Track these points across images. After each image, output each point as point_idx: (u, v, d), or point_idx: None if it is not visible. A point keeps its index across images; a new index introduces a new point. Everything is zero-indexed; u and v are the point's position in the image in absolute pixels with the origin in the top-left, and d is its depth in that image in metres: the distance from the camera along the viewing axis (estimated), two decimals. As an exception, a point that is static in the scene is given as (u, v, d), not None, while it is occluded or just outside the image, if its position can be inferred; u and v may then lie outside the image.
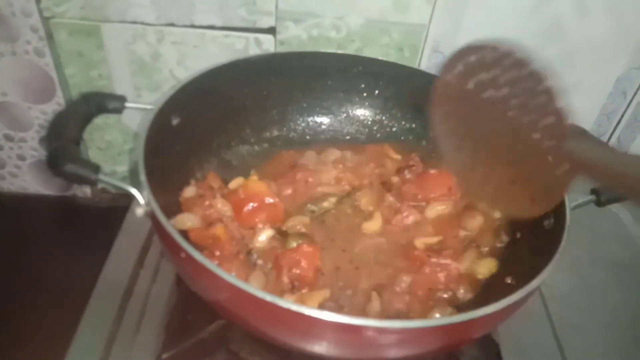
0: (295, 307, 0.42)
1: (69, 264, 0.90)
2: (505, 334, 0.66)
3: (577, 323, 0.71)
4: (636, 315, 0.75)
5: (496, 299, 0.47)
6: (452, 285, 0.60)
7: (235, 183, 0.67)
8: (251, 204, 0.63)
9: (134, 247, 0.71)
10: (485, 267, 0.63)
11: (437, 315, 0.56)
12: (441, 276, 0.60)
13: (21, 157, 0.98)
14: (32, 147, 0.96)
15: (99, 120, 0.92)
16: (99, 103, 0.60)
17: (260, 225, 0.63)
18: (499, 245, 0.67)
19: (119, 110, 0.61)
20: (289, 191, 0.70)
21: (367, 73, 0.78)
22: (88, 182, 0.51)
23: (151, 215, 0.50)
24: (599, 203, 0.60)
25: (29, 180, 1.01)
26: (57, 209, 1.04)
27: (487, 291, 0.61)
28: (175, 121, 0.64)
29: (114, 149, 0.97)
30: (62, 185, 1.02)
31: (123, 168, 0.99)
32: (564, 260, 0.52)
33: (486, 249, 0.65)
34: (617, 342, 0.71)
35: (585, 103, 0.93)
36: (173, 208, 0.62)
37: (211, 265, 0.44)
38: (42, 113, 0.91)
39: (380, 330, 0.43)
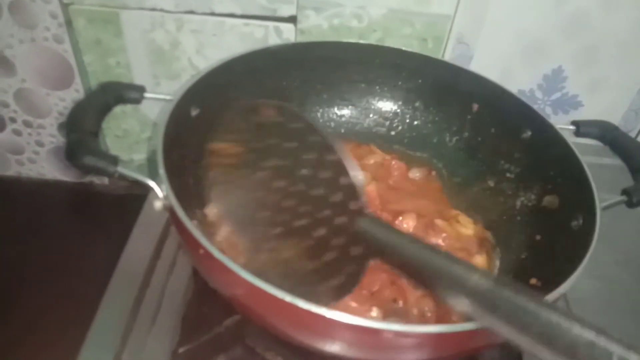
0: (314, 309, 0.41)
1: (85, 250, 0.91)
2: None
3: (601, 325, 0.69)
4: (662, 319, 0.73)
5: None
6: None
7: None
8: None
9: (151, 238, 0.71)
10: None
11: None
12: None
13: (39, 144, 0.98)
14: (51, 134, 0.96)
15: (117, 109, 0.90)
16: (118, 93, 0.59)
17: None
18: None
19: (137, 101, 0.60)
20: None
21: (389, 64, 0.76)
22: (106, 174, 0.50)
23: (169, 209, 0.49)
24: (630, 204, 0.58)
25: (47, 167, 1.02)
26: (74, 195, 1.04)
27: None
28: (194, 112, 0.63)
29: (131, 137, 0.96)
30: (79, 172, 1.03)
31: (140, 156, 0.99)
32: (589, 262, 0.50)
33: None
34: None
35: (612, 98, 0.90)
36: (192, 201, 0.61)
37: (230, 262, 0.43)
38: (61, 100, 0.91)
39: (400, 334, 0.42)
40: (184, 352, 0.55)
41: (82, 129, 0.51)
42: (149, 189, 0.50)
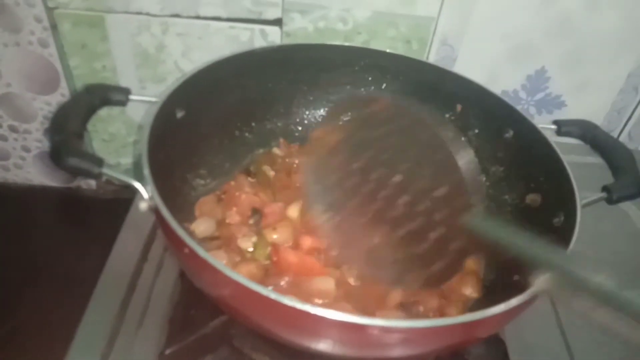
0: (299, 305, 0.41)
1: (72, 255, 0.90)
2: (512, 332, 0.65)
3: (585, 322, 0.70)
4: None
5: (503, 296, 0.46)
6: (458, 285, 0.59)
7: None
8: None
9: (138, 241, 0.71)
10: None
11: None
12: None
13: (26, 149, 0.97)
14: (37, 139, 0.96)
15: (103, 112, 0.91)
16: (103, 95, 0.59)
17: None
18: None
19: (122, 103, 0.60)
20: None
21: (374, 66, 0.76)
22: (91, 175, 0.50)
23: (155, 210, 0.50)
24: (610, 200, 0.59)
25: (34, 172, 1.01)
26: (61, 200, 1.04)
27: (494, 289, 0.60)
28: (179, 114, 0.63)
29: (118, 141, 0.96)
30: (66, 177, 1.02)
31: (127, 160, 0.99)
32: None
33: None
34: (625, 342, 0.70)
35: (595, 99, 0.92)
36: (176, 202, 0.61)
37: (215, 261, 0.43)
38: (47, 104, 0.91)
39: (386, 330, 0.43)
40: (170, 353, 0.55)
41: (66, 131, 0.51)
42: (135, 193, 0.50)
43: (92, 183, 1.03)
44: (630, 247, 0.83)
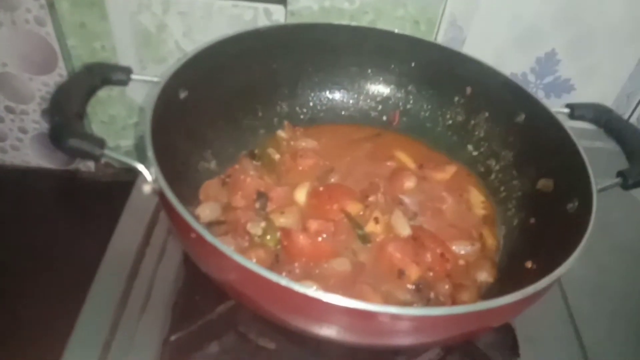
0: (311, 293, 0.40)
1: (71, 239, 0.89)
2: (521, 320, 0.64)
3: (595, 310, 0.69)
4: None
5: (516, 283, 0.45)
6: (472, 269, 0.58)
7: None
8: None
9: (140, 225, 0.69)
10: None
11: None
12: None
13: (23, 130, 0.95)
14: (34, 120, 0.94)
15: (102, 93, 0.90)
16: (103, 75, 0.57)
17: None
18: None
19: (124, 83, 0.58)
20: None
21: (381, 47, 0.74)
22: (92, 157, 0.48)
23: (159, 193, 0.48)
24: (625, 186, 0.58)
25: (31, 154, 0.99)
26: (60, 183, 1.02)
27: (507, 275, 0.59)
28: (182, 95, 0.61)
29: (118, 123, 0.94)
30: (65, 159, 1.00)
31: (127, 142, 0.97)
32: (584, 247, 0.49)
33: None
34: (635, 329, 0.69)
35: (605, 83, 0.90)
36: (180, 186, 0.59)
37: (224, 247, 0.42)
38: (44, 85, 0.88)
39: (396, 317, 0.41)
40: (175, 339, 0.54)
41: (66, 111, 0.49)
42: (136, 175, 0.48)
43: (91, 165, 1.01)
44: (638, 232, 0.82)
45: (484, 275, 0.60)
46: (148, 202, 0.71)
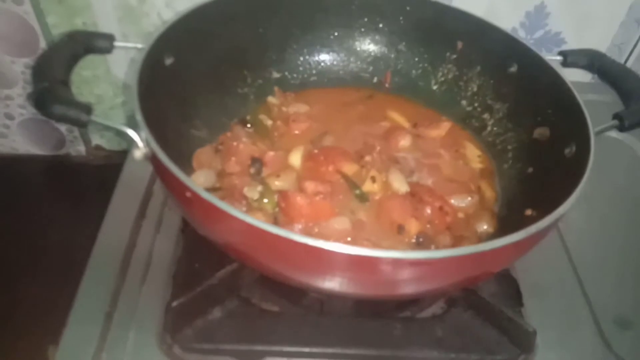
0: (312, 242, 0.39)
1: (65, 225, 0.88)
2: (524, 270, 0.64)
3: (595, 257, 0.69)
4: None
5: (517, 231, 0.44)
6: (471, 221, 0.57)
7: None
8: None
9: (134, 198, 0.68)
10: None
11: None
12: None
13: (9, 116, 0.93)
14: (20, 105, 0.92)
15: (87, 72, 0.88)
16: (86, 42, 0.55)
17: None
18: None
19: (107, 50, 0.57)
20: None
21: (370, 5, 0.73)
22: (79, 123, 0.47)
23: (151, 157, 0.47)
24: (622, 128, 0.57)
25: (19, 140, 0.97)
26: (50, 169, 1.00)
27: (508, 224, 0.59)
28: (168, 61, 0.59)
29: (105, 103, 0.93)
30: (54, 144, 0.99)
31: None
32: (582, 196, 0.48)
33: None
34: (636, 273, 0.69)
35: (595, 34, 0.89)
36: (172, 154, 0.58)
37: (219, 202, 0.41)
38: (27, 67, 0.87)
39: (397, 262, 0.41)
40: (177, 305, 0.53)
41: (50, 78, 0.48)
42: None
43: (82, 149, 1.00)
44: (637, 180, 0.82)
45: (484, 226, 0.59)
46: (142, 175, 0.71)
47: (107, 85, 0.90)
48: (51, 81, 0.48)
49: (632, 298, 0.67)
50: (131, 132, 0.47)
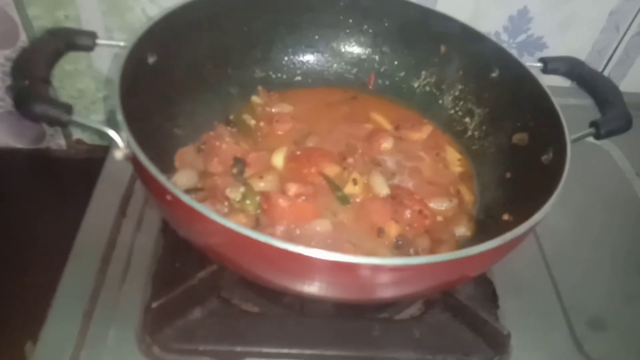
0: (292, 248, 0.39)
1: (45, 220, 0.87)
2: (500, 272, 0.65)
3: (570, 258, 0.71)
4: (628, 248, 0.75)
5: (494, 235, 0.45)
6: (450, 225, 0.58)
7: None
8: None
9: (115, 196, 0.68)
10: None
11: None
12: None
13: (-13, 109, 0.92)
14: (-1, 97, 0.90)
15: (69, 66, 0.87)
16: (67, 39, 0.54)
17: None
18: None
19: (89, 48, 0.56)
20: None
21: (355, 6, 0.73)
22: (60, 123, 0.47)
23: (132, 158, 0.47)
24: (598, 135, 0.58)
25: (-2, 134, 0.96)
26: (30, 163, 0.99)
27: (485, 229, 0.60)
28: (151, 59, 0.59)
29: (87, 97, 0.92)
30: (34, 138, 0.97)
31: (98, 117, 0.94)
32: (560, 199, 0.50)
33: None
34: (610, 275, 0.71)
35: (576, 39, 0.90)
36: (154, 154, 0.58)
37: (200, 206, 0.41)
38: (7, 59, 0.85)
39: (377, 268, 0.42)
40: (157, 306, 0.53)
41: (30, 76, 0.47)
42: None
43: (62, 143, 0.99)
44: (612, 183, 0.83)
45: (462, 230, 0.60)
46: (123, 173, 0.70)
47: (89, 79, 0.89)
48: (31, 79, 0.47)
49: (605, 300, 0.68)
50: (112, 133, 0.47)
